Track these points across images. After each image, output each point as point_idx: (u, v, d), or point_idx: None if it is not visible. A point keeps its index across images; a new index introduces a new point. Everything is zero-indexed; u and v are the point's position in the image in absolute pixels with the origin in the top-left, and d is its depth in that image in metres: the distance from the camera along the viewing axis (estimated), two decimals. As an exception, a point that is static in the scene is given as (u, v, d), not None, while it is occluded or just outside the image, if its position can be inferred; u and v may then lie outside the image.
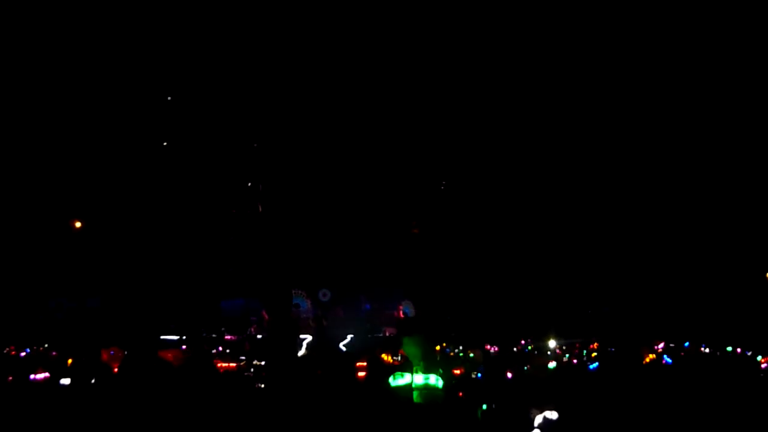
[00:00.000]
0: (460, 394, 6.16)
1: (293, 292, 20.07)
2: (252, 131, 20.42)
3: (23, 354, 15.02)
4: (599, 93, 18.34)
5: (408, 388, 5.11)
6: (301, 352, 16.96)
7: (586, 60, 17.69)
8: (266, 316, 20.29)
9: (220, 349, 17.31)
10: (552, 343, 18.02)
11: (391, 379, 5.10)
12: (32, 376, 9.52)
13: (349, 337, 17.72)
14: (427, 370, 5.07)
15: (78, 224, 20.38)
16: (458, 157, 20.77)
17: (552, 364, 12.93)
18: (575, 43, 17.38)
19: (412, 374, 5.12)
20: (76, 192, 19.67)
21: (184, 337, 16.49)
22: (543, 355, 16.34)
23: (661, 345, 17.23)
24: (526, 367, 9.66)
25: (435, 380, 5.06)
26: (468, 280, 20.58)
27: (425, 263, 21.54)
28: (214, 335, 17.86)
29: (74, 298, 19.75)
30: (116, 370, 6.87)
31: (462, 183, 21.51)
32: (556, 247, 20.74)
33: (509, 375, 8.21)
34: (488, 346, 16.60)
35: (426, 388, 5.03)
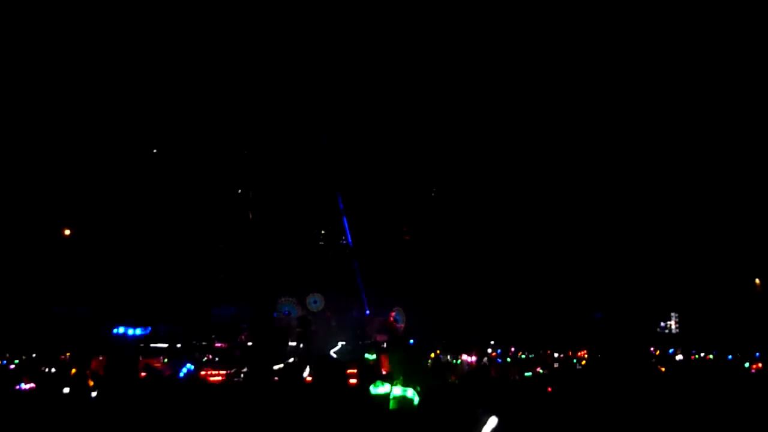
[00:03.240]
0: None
1: (284, 299, 19.98)
2: (243, 138, 20.38)
3: (11, 366, 14.83)
4: (594, 102, 18.39)
5: (386, 397, 5.36)
6: (291, 360, 16.91)
7: (576, 71, 17.74)
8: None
9: (210, 356, 17.24)
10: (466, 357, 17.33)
11: (372, 387, 5.34)
12: (18, 387, 9.39)
13: (339, 344, 17.67)
14: (406, 384, 5.30)
15: (67, 232, 20.25)
16: (449, 166, 20.80)
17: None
18: (565, 55, 17.43)
19: (392, 385, 5.39)
20: (67, 201, 19.54)
21: (179, 345, 16.43)
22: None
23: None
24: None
25: (412, 394, 5.27)
26: (458, 286, 20.54)
27: (416, 270, 21.53)
28: (204, 343, 17.76)
29: (63, 306, 19.59)
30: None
31: (452, 191, 21.53)
32: (546, 254, 20.74)
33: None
34: (464, 355, 16.47)
35: (403, 399, 5.26)
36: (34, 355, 15.89)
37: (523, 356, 19.41)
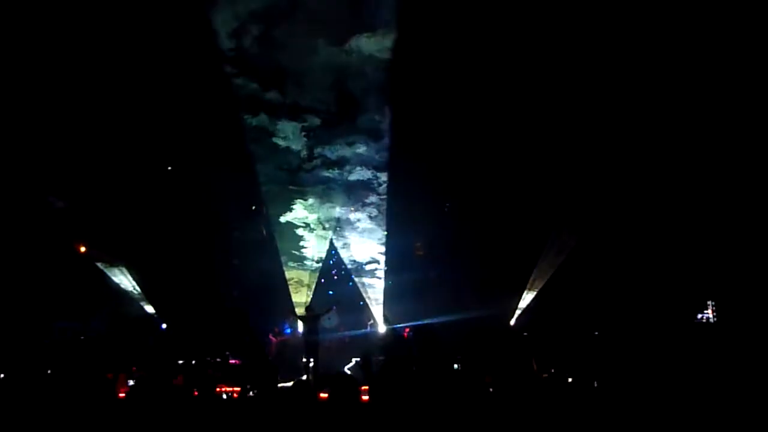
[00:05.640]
0: None
1: (295, 316, 20.00)
2: (253, 151, 20.50)
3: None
4: (596, 112, 18.20)
5: None
6: (304, 376, 16.90)
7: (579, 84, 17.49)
8: (274, 339, 20.29)
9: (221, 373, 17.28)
10: None
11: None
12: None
13: (354, 360, 17.60)
14: None
15: (83, 248, 20.44)
16: (462, 179, 20.67)
17: None
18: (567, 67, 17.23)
19: None
20: (78, 211, 19.70)
21: (194, 362, 16.46)
22: None
23: None
24: None
25: None
26: (468, 299, 20.39)
27: (430, 283, 21.54)
28: (218, 359, 17.83)
29: (78, 321, 19.73)
30: (122, 395, 6.87)
31: (464, 205, 21.46)
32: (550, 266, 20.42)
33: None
34: None
35: None
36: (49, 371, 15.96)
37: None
